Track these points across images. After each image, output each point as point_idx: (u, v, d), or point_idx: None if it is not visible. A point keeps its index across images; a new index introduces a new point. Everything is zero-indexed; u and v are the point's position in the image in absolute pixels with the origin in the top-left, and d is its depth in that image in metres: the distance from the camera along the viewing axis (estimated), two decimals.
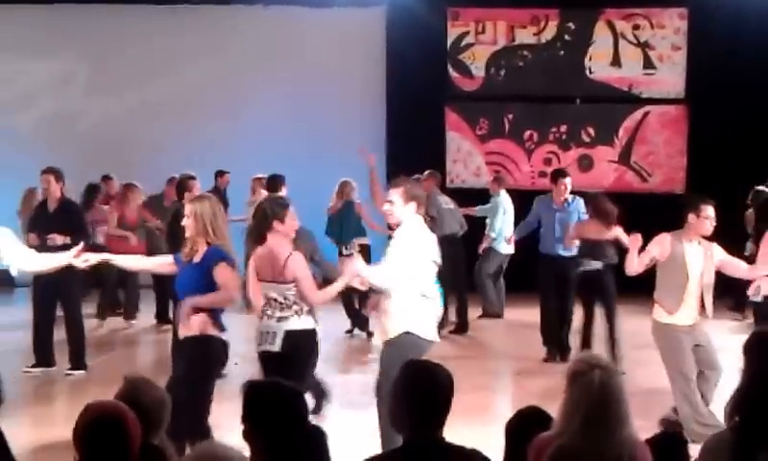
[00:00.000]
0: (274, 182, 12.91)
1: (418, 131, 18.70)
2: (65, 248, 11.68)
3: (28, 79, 19.59)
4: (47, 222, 12.05)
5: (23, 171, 16.53)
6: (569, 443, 4.49)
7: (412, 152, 18.10)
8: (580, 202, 12.97)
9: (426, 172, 15.17)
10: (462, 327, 14.80)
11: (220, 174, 17.71)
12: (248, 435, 4.54)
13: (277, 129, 18.86)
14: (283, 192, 12.55)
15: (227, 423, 9.71)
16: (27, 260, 8.16)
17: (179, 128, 19.11)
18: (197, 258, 7.62)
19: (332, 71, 19.16)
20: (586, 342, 12.11)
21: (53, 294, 11.85)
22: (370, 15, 19.35)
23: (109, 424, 4.21)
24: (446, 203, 14.80)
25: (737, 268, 9.34)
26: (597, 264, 12.15)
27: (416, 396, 4.47)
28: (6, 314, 15.89)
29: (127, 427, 4.24)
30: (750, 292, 9.38)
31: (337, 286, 7.97)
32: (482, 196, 16.47)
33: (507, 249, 15.69)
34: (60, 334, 12.13)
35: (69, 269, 11.74)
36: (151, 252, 13.70)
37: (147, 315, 15.43)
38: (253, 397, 4.59)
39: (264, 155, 17.85)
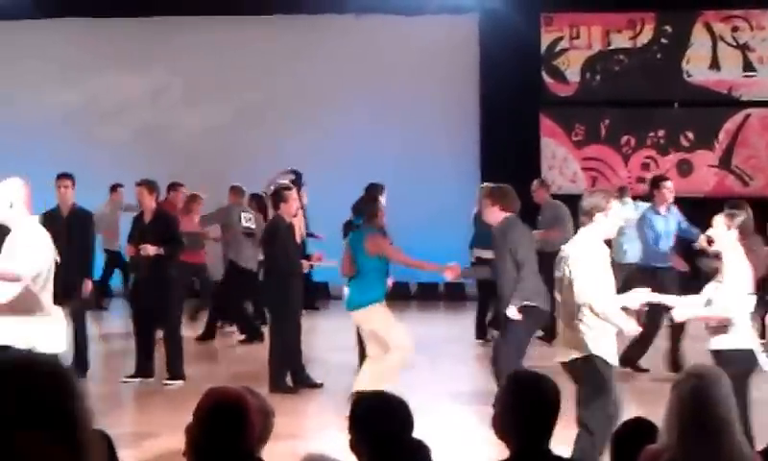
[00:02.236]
0: (372, 191, 12.87)
1: (512, 138, 18.54)
2: (158, 258, 11.86)
3: (123, 91, 19.82)
4: (142, 233, 12.12)
5: (118, 180, 16.77)
6: (674, 456, 4.39)
7: (506, 159, 17.96)
8: (676, 209, 12.60)
9: (535, 181, 15.09)
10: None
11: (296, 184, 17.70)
12: (354, 445, 4.50)
13: (370, 138, 18.83)
14: (382, 201, 12.49)
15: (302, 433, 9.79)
16: None
17: (271, 138, 19.18)
18: None
19: (425, 79, 19.08)
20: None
21: (152, 303, 11.89)
22: (462, 23, 19.23)
23: (231, 409, 4.27)
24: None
25: None
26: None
27: (524, 406, 4.39)
28: (104, 323, 16.03)
29: (248, 413, 4.29)
30: None
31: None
32: (578, 203, 16.22)
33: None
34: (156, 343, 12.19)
35: (168, 278, 11.92)
36: None
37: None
38: (360, 406, 4.54)
39: (356, 164, 17.83)
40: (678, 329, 11.76)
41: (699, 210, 12.48)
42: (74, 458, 3.02)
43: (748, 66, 18.82)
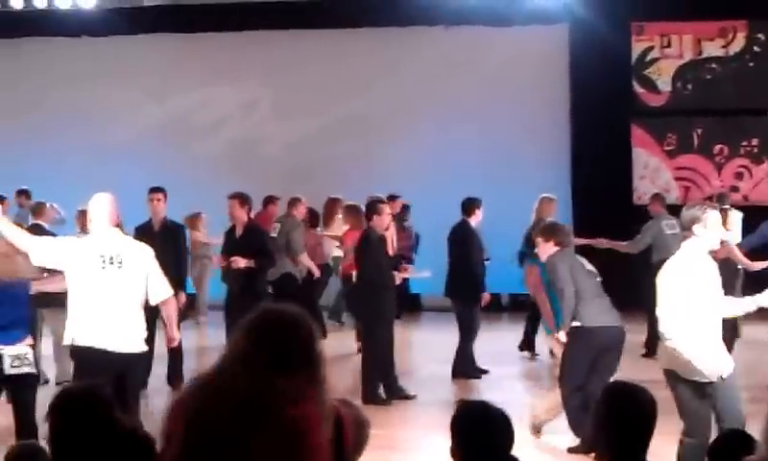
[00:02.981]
0: (469, 205, 12.88)
1: (603, 148, 18.43)
2: (249, 271, 11.99)
3: (215, 106, 20.09)
4: (233, 245, 12.26)
5: (211, 195, 16.94)
6: None
7: (597, 169, 17.88)
8: None
9: (650, 195, 15.02)
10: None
11: (391, 198, 17.78)
12: (454, 453, 4.52)
13: (459, 149, 18.85)
14: (478, 216, 12.51)
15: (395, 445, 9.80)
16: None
17: (361, 150, 19.31)
18: None
19: (514, 90, 19.06)
20: None
21: (243, 313, 11.97)
22: (552, 33, 19.17)
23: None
24: (670, 227, 14.17)
25: None
26: None
27: (620, 419, 4.38)
28: (201, 336, 16.22)
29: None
30: None
31: None
32: (671, 213, 16.07)
33: None
34: None
35: (259, 290, 12.05)
36: None
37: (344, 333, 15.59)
38: (463, 413, 4.55)
39: (445, 176, 17.88)
40: None
41: None
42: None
43: None
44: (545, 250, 9.66)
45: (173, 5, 19.49)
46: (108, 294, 7.86)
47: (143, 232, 11.94)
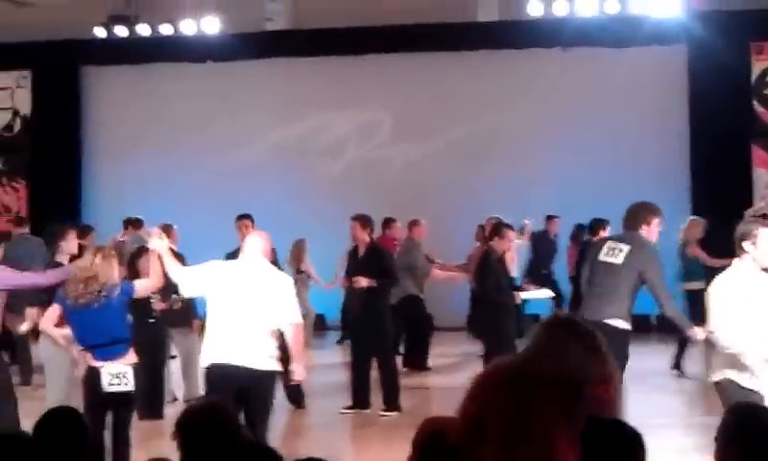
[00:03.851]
0: (596, 225, 12.90)
1: (722, 168, 18.31)
2: (372, 291, 12.23)
3: (336, 128, 20.42)
4: (356, 266, 12.51)
5: (333, 217, 17.28)
6: None
7: (716, 190, 17.77)
8: None
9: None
10: None
11: (550, 219, 17.94)
12: None
13: (578, 170, 18.88)
14: (604, 234, 12.52)
15: None
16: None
17: (480, 172, 19.45)
18: None
19: (633, 111, 19.05)
20: None
21: (368, 336, 12.24)
22: (671, 53, 19.13)
23: (447, 439, 4.31)
24: None
25: None
26: None
27: (746, 438, 4.40)
28: (321, 356, 16.48)
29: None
30: None
31: None
32: None
33: None
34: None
35: (382, 310, 12.28)
36: None
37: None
38: (592, 430, 4.59)
39: (563, 197, 17.93)
40: None
41: None
42: None
43: None
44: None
45: (295, 29, 19.90)
46: (243, 315, 8.19)
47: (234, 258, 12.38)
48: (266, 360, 8.33)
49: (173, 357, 12.93)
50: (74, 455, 5.00)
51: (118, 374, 8.33)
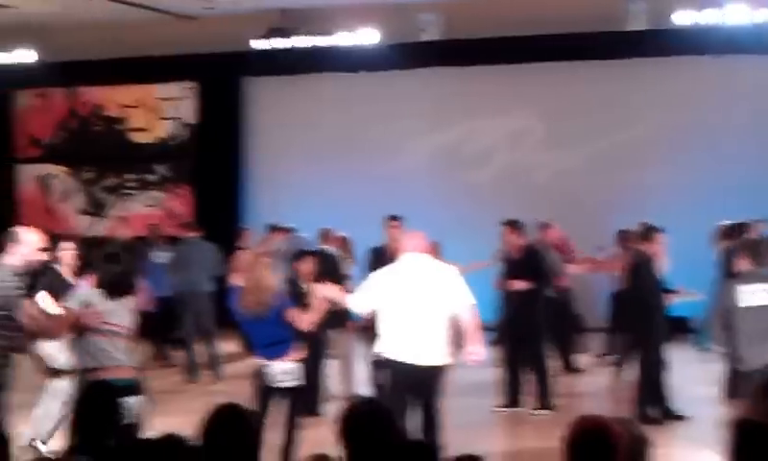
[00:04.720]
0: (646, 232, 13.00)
1: None
2: (527, 292, 12.54)
3: (485, 135, 20.70)
4: (511, 269, 12.84)
5: (481, 223, 17.57)
6: None
7: None
8: None
9: None
10: None
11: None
12: None
13: (728, 177, 18.80)
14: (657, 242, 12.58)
15: None
16: None
17: (630, 180, 19.52)
18: None
19: None
20: None
21: (522, 336, 12.56)
22: None
23: (598, 437, 4.63)
24: None
25: None
26: None
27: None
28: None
29: (615, 442, 4.64)
30: None
31: None
32: None
33: None
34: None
35: (536, 311, 12.59)
36: None
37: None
38: (740, 431, 4.76)
39: (713, 203, 17.86)
40: None
41: None
42: None
43: None
44: None
45: (448, 39, 20.23)
46: (421, 312, 8.62)
47: (377, 256, 12.91)
48: (444, 356, 8.76)
49: (329, 358, 13.37)
50: (246, 454, 5.10)
51: (286, 370, 8.93)
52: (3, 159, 23.31)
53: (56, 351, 10.29)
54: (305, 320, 9.11)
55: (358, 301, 9.09)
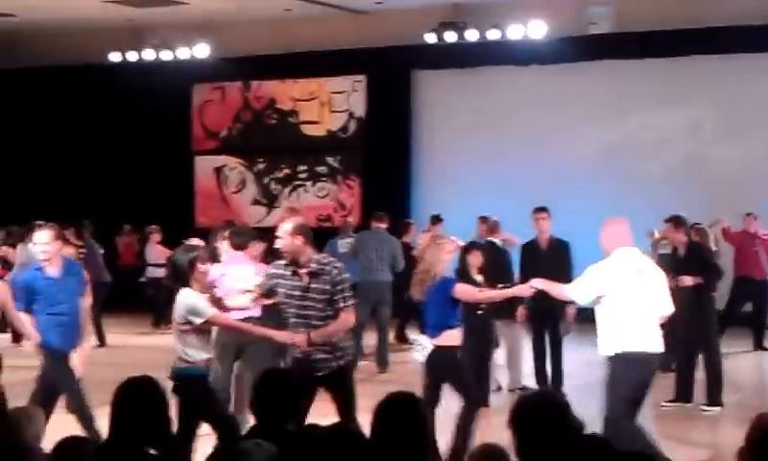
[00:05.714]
0: None
1: None
2: (697, 288, 12.42)
3: (658, 128, 20.48)
4: (678, 266, 12.73)
5: (650, 216, 17.48)
6: None
7: None
8: None
9: None
10: None
11: None
12: None
13: None
14: None
15: None
16: None
17: None
18: None
19: None
20: None
21: (696, 332, 12.45)
22: None
23: None
24: None
25: None
26: None
27: None
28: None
29: None
30: None
31: None
32: None
33: None
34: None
35: (707, 307, 12.49)
36: None
37: None
38: None
39: None
40: None
41: None
42: None
43: None
44: None
45: (618, 32, 20.11)
46: (642, 302, 8.71)
47: (529, 250, 12.89)
48: (660, 344, 8.83)
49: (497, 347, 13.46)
50: (418, 444, 5.03)
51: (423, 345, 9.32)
52: (181, 152, 24.04)
53: None
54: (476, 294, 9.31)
55: (581, 292, 9.10)
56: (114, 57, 23.04)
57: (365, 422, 5.07)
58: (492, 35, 20.69)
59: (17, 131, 24.46)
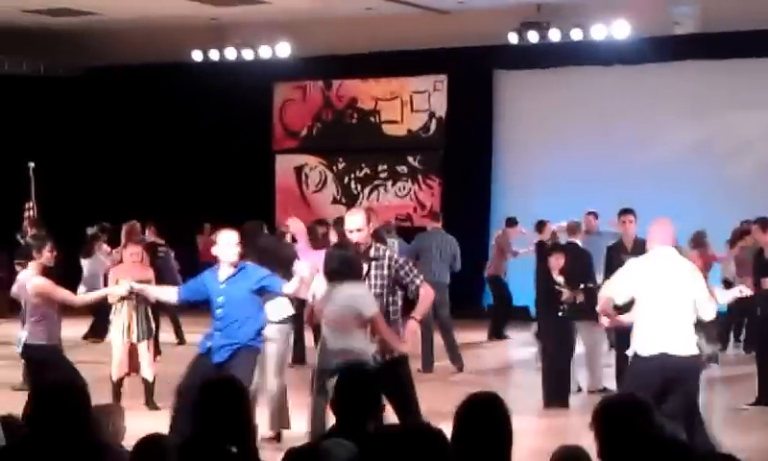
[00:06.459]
0: None
1: None
2: None
3: (743, 129, 20.23)
4: (762, 267, 12.59)
5: (734, 217, 17.28)
6: None
7: None
8: None
9: None
10: None
11: None
12: None
13: None
14: None
15: None
16: None
17: None
18: None
19: None
20: None
21: None
22: None
23: None
24: None
25: None
26: None
27: None
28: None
29: None
30: None
31: None
32: None
33: None
34: None
35: None
36: None
37: None
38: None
39: None
40: None
41: None
42: None
43: None
44: None
45: (702, 33, 19.89)
46: (667, 305, 8.60)
47: (615, 252, 12.79)
48: (692, 347, 8.70)
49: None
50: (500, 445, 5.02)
51: None
52: (262, 151, 24.19)
53: None
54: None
55: (612, 289, 9.06)
56: (196, 55, 23.20)
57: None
58: (575, 35, 20.54)
59: (100, 129, 24.75)
